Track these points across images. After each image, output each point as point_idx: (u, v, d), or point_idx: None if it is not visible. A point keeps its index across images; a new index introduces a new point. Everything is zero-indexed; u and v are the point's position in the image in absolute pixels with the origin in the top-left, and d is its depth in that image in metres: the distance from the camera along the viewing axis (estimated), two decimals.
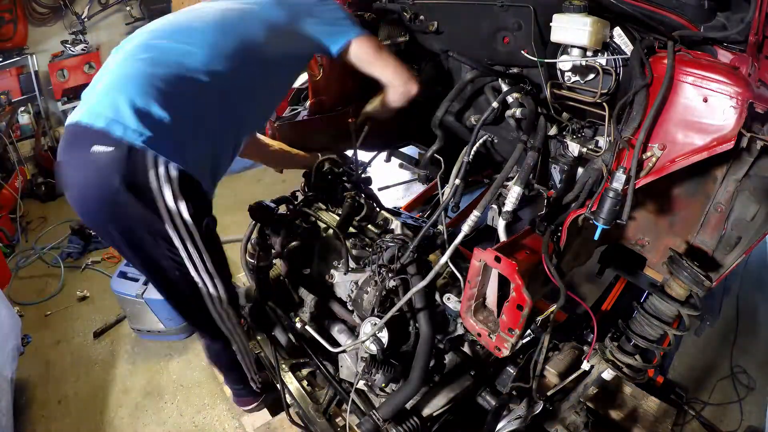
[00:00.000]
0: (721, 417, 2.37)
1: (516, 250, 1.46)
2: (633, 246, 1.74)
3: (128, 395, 2.61)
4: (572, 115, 1.78)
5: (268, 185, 4.96)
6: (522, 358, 1.88)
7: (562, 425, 1.77)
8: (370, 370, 1.66)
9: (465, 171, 1.79)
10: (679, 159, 1.30)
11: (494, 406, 1.81)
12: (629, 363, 1.55)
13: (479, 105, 2.13)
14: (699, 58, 1.32)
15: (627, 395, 2.23)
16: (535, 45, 1.68)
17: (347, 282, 1.92)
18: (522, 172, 1.59)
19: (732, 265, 1.48)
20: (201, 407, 2.51)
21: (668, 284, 1.47)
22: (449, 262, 1.60)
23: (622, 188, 1.28)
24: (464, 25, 1.98)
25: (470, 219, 1.57)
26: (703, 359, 2.71)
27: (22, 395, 2.59)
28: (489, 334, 1.51)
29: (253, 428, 2.22)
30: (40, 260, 3.82)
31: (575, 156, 1.71)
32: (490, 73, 1.94)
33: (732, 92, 1.20)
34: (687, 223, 1.57)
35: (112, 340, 2.98)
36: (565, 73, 1.66)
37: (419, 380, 1.61)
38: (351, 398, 1.82)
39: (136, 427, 2.42)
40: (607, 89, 1.55)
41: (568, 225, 1.44)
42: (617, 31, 1.50)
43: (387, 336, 1.65)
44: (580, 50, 1.54)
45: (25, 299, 3.39)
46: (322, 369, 2.06)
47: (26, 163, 4.86)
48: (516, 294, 1.37)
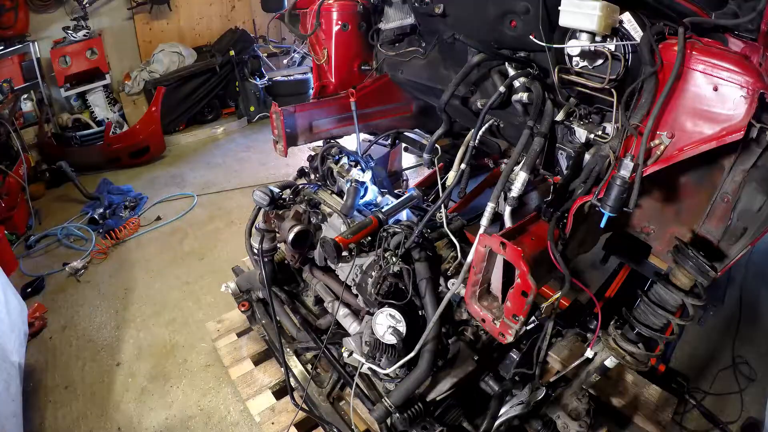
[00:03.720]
0: (721, 407, 2.38)
1: (521, 236, 1.46)
2: (638, 234, 1.73)
3: (134, 380, 2.64)
4: (579, 101, 1.76)
5: (272, 168, 4.97)
6: (525, 344, 1.89)
7: (564, 411, 1.79)
8: (374, 355, 1.67)
9: (471, 155, 1.78)
10: (687, 148, 1.29)
11: (497, 392, 1.83)
12: (632, 351, 1.56)
13: (485, 89, 2.11)
14: (710, 45, 1.30)
15: (629, 383, 2.25)
16: (542, 29, 1.66)
17: (352, 266, 1.93)
18: (528, 157, 1.58)
19: (737, 255, 1.48)
20: (206, 391, 2.54)
21: (673, 273, 1.46)
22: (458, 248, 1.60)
23: (629, 176, 1.27)
24: (471, 8, 1.95)
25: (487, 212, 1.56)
26: (705, 349, 2.71)
27: (29, 381, 2.61)
28: (493, 320, 1.51)
29: (257, 411, 2.24)
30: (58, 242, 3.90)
31: (582, 142, 1.70)
32: (496, 57, 1.92)
33: (743, 82, 1.18)
34: (693, 212, 1.57)
35: (118, 326, 3.01)
36: (573, 58, 1.64)
37: (429, 366, 1.63)
38: (355, 382, 1.84)
39: (142, 411, 2.45)
40: (616, 75, 1.53)
41: (574, 212, 1.44)
42: (627, 17, 1.48)
43: (405, 326, 1.66)
44: (588, 35, 1.52)
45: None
46: (327, 353, 2.07)
47: (30, 151, 4.87)
48: (521, 280, 1.37)
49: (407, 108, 2.97)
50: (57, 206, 4.44)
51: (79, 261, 3.54)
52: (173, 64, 5.79)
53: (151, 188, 4.71)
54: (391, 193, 2.30)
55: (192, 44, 6.21)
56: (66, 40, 5.20)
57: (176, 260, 3.64)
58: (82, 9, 5.30)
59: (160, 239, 3.93)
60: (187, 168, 5.19)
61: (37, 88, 5.15)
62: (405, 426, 1.67)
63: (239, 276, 2.68)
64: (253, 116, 6.30)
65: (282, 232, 2.13)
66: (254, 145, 5.68)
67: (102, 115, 5.62)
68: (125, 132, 5.33)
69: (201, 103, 6.03)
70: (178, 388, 2.57)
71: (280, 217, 2.15)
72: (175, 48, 5.87)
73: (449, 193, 1.82)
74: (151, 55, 5.91)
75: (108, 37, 5.72)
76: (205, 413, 2.42)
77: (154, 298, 3.25)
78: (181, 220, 4.16)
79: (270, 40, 7.20)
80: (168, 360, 2.75)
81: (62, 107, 5.56)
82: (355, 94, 2.51)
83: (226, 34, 6.42)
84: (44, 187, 4.72)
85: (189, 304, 3.17)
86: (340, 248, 1.74)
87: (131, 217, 4.16)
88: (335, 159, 2.27)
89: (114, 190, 4.52)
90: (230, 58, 6.00)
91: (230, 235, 3.85)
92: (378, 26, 2.60)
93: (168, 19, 6.25)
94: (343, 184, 2.18)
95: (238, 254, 3.40)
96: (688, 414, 2.32)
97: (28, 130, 5.07)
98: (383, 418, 1.67)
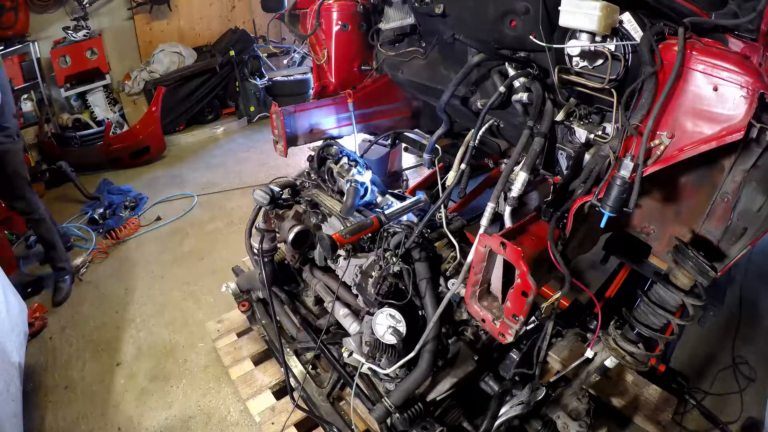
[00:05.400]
0: (721, 407, 2.38)
1: (521, 237, 1.46)
2: (638, 234, 1.73)
3: (134, 380, 2.64)
4: (580, 101, 1.76)
5: (272, 168, 4.97)
6: (525, 344, 1.89)
7: (564, 411, 1.79)
8: (374, 355, 1.67)
9: (471, 156, 1.78)
10: (687, 148, 1.29)
11: (497, 392, 1.83)
12: (632, 351, 1.56)
13: (485, 89, 2.11)
14: (710, 45, 1.30)
15: (629, 383, 2.25)
16: (542, 29, 1.66)
17: (351, 266, 1.93)
18: (528, 157, 1.58)
19: (737, 255, 1.48)
20: (206, 391, 2.54)
21: (673, 273, 1.46)
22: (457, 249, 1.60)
23: (629, 176, 1.27)
24: (471, 8, 1.95)
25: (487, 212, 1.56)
26: (705, 349, 2.71)
27: (30, 381, 2.61)
28: (493, 320, 1.51)
29: (257, 411, 2.24)
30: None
31: (582, 142, 1.70)
32: (496, 57, 1.92)
33: (743, 82, 1.18)
34: (693, 212, 1.57)
35: (118, 326, 3.01)
36: (573, 58, 1.64)
37: (429, 366, 1.63)
38: (355, 382, 1.84)
39: (142, 411, 2.45)
40: (616, 75, 1.53)
41: (574, 212, 1.44)
42: (626, 17, 1.48)
43: (405, 326, 1.66)
44: (588, 35, 1.52)
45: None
46: (325, 351, 2.07)
47: (30, 151, 4.87)
48: (521, 280, 1.36)
49: (407, 108, 2.97)
50: (57, 206, 4.43)
51: (79, 260, 3.54)
52: (173, 64, 5.79)
53: (151, 188, 4.71)
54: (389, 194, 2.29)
55: (192, 44, 6.21)
56: (66, 40, 5.20)
57: (176, 260, 3.64)
58: (82, 9, 5.30)
59: (160, 239, 3.93)
60: (187, 168, 5.19)
61: (37, 88, 5.14)
62: (405, 426, 1.67)
63: (239, 276, 2.68)
64: (253, 116, 6.31)
65: (282, 232, 2.13)
66: (254, 145, 5.68)
67: (102, 115, 5.62)
68: (125, 132, 5.33)
69: (201, 103, 6.03)
70: (178, 388, 2.57)
71: (280, 217, 2.15)
72: (175, 48, 5.87)
73: (449, 193, 1.82)
74: (151, 55, 5.91)
75: (108, 37, 5.72)
76: (205, 413, 2.42)
77: (155, 298, 3.25)
78: (181, 220, 4.17)
79: (270, 40, 7.20)
80: (168, 360, 2.75)
81: (62, 107, 5.56)
82: (352, 95, 2.51)
83: (226, 34, 6.42)
84: (44, 187, 4.72)
85: (189, 304, 3.17)
86: (335, 246, 1.74)
87: (131, 217, 4.16)
88: (335, 159, 2.27)
89: (114, 190, 4.52)
90: (230, 58, 6.00)
91: (230, 235, 3.85)
92: (378, 26, 2.60)
93: (168, 19, 6.25)
94: (342, 185, 2.18)
95: (238, 254, 3.39)
96: (688, 414, 2.32)
97: (28, 130, 5.07)
98: (383, 418, 1.67)
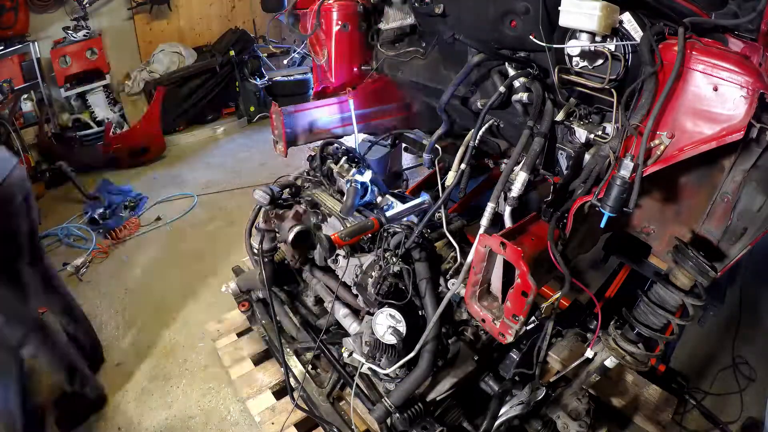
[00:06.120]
0: (721, 407, 2.38)
1: (521, 237, 1.46)
2: (638, 234, 1.73)
3: (134, 380, 2.64)
4: (580, 101, 1.76)
5: (272, 168, 4.97)
6: (525, 344, 1.89)
7: (564, 411, 1.79)
8: (374, 355, 1.67)
9: (471, 156, 1.78)
10: (687, 148, 1.29)
11: (497, 392, 1.83)
12: (632, 351, 1.56)
13: (485, 89, 2.11)
14: (710, 45, 1.30)
15: (629, 383, 2.25)
16: (542, 29, 1.66)
17: (351, 266, 1.93)
18: (528, 157, 1.58)
19: (737, 255, 1.48)
20: (206, 391, 2.54)
21: (673, 273, 1.46)
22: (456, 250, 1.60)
23: (629, 176, 1.27)
24: (471, 8, 1.96)
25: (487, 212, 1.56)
26: (705, 349, 2.71)
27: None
28: (493, 320, 1.51)
29: (257, 411, 2.24)
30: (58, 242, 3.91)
31: (582, 142, 1.70)
32: (496, 57, 1.92)
33: (743, 82, 1.18)
34: (693, 212, 1.57)
35: (118, 326, 3.01)
36: (573, 58, 1.64)
37: (429, 366, 1.63)
38: (355, 382, 1.84)
39: (142, 411, 2.45)
40: (616, 75, 1.53)
41: (574, 212, 1.44)
42: (626, 17, 1.48)
43: (404, 326, 1.66)
44: (588, 35, 1.52)
45: None
46: (327, 353, 2.07)
47: (30, 151, 4.86)
48: (521, 280, 1.37)
49: (407, 108, 2.97)
50: (57, 206, 4.43)
51: (79, 260, 3.54)
52: (173, 64, 5.78)
53: (151, 188, 4.70)
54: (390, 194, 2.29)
55: (192, 44, 6.20)
56: (66, 40, 5.19)
57: (176, 260, 3.64)
58: (82, 9, 5.29)
59: (160, 239, 3.93)
60: (187, 168, 5.19)
61: (37, 88, 5.13)
62: (405, 426, 1.67)
63: (239, 276, 2.68)
64: (253, 116, 6.30)
65: (282, 232, 2.13)
66: (254, 145, 5.68)
67: (102, 115, 5.61)
68: (125, 132, 5.32)
69: (201, 103, 6.02)
70: (178, 388, 2.57)
71: (280, 217, 2.15)
72: (175, 48, 5.87)
73: (449, 193, 1.82)
74: (151, 55, 5.90)
75: (108, 37, 5.71)
76: (205, 413, 2.42)
77: (155, 298, 3.24)
78: (181, 220, 4.16)
79: (270, 40, 7.19)
80: (168, 360, 2.75)
81: (62, 107, 5.55)
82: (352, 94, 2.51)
83: (226, 34, 6.41)
84: (44, 187, 4.71)
85: (189, 304, 3.17)
86: (333, 247, 1.74)
87: (131, 217, 4.16)
88: (335, 159, 2.27)
89: (114, 190, 4.51)
90: (230, 59, 5.99)
91: (230, 235, 3.85)
92: (378, 26, 2.59)
93: (168, 20, 6.25)
94: (342, 184, 2.18)
95: (238, 254, 3.40)
96: (688, 414, 2.32)
97: (28, 130, 5.05)
98: (383, 418, 1.67)
